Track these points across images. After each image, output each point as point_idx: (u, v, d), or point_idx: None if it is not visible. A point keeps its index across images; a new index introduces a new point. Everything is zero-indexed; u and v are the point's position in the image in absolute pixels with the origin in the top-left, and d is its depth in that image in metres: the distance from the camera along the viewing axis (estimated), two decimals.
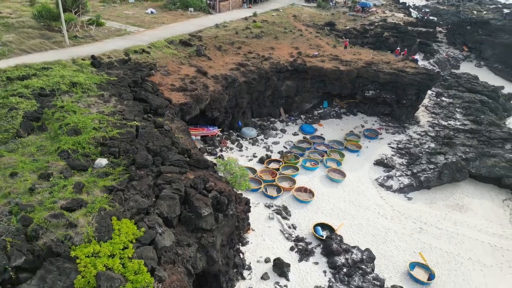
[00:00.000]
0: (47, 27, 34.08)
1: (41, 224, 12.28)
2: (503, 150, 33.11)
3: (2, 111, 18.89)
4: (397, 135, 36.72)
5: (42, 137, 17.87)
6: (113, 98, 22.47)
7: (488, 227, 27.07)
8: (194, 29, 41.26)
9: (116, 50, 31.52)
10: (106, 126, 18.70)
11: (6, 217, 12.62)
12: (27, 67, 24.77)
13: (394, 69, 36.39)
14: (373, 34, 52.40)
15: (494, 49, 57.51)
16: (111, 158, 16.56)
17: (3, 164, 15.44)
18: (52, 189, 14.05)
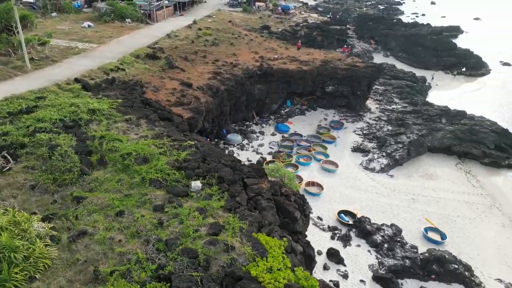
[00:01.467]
0: None
1: (207, 253, 12.02)
2: (443, 124, 39.93)
3: (42, 149, 16.79)
4: (356, 123, 41.22)
5: (109, 170, 16.49)
6: (141, 121, 21.35)
7: (456, 188, 32.82)
8: (148, 41, 39.70)
9: (88, 70, 29.10)
10: (168, 149, 18.04)
11: (158, 254, 11.96)
12: (20, 99, 21.81)
13: (348, 65, 40.71)
14: (304, 35, 56.81)
15: (397, 41, 67.30)
16: (199, 179, 16.29)
17: (97, 206, 14.15)
18: (179, 219, 13.54)
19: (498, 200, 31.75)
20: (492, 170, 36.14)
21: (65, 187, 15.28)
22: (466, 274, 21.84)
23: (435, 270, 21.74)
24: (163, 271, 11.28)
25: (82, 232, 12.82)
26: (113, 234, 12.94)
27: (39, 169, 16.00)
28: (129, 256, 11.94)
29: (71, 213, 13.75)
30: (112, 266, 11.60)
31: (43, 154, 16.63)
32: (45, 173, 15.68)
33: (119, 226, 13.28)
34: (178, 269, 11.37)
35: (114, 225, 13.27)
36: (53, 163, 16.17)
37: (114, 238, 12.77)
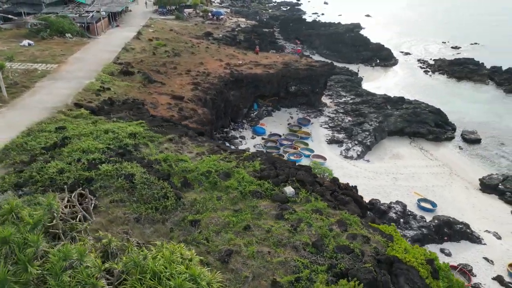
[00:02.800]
0: None
1: (357, 247, 13.25)
2: (390, 110, 45.68)
3: (119, 181, 15.85)
4: (319, 118, 44.69)
5: (199, 190, 16.32)
6: (183, 138, 20.96)
7: (419, 163, 38.24)
8: (108, 56, 37.35)
9: (73, 93, 26.81)
10: (237, 161, 18.38)
11: (316, 256, 12.78)
12: (41, 132, 19.64)
13: (306, 65, 43.84)
14: (243, 39, 58.67)
15: (320, 39, 73.31)
16: (287, 184, 17.14)
17: (218, 225, 14.23)
18: (306, 222, 14.39)
19: (452, 167, 37.96)
20: (436, 144, 42.77)
21: (169, 214, 14.89)
22: (468, 231, 26.37)
23: (447, 232, 25.79)
24: (336, 269, 12.27)
25: (228, 252, 12.97)
26: (257, 248, 13.33)
27: (129, 200, 15.21)
28: (292, 263, 12.60)
29: (201, 237, 13.63)
30: (283, 276, 12.18)
31: (122, 185, 15.76)
32: (141, 204, 15.01)
33: (256, 239, 13.68)
34: (348, 264, 12.46)
35: (251, 239, 13.63)
36: (143, 192, 15.52)
37: (262, 251, 13.21)
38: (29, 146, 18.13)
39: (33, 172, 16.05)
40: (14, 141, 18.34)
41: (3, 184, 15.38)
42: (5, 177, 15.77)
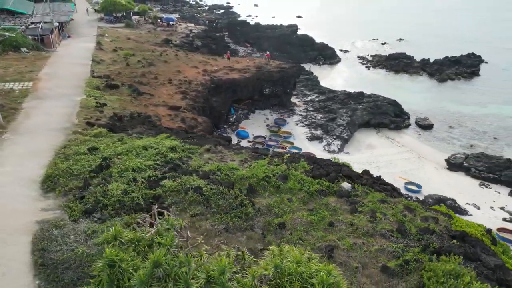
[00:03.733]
0: None
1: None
2: (354, 105, 49.25)
3: (189, 195, 15.86)
4: (292, 117, 46.67)
5: (266, 195, 16.88)
6: (218, 147, 21.17)
7: (391, 151, 41.94)
8: (80, 69, 35.38)
9: (72, 111, 25.34)
10: (284, 164, 19.22)
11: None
12: (77, 156, 18.54)
13: (277, 67, 45.48)
14: (201, 44, 58.63)
15: (269, 42, 75.55)
16: (343, 181, 18.46)
17: (304, 225, 15.08)
18: (391, 214, 15.84)
19: (418, 152, 42.35)
20: (398, 132, 47.18)
21: (252, 220, 15.35)
22: (456, 205, 30.06)
23: None
24: (430, 248, 13.83)
25: (330, 248, 13.93)
26: (359, 241, 14.41)
27: (208, 212, 15.36)
28: (389, 249, 13.91)
29: (295, 237, 14.39)
30: (386, 261, 13.48)
31: (195, 198, 15.82)
32: (222, 214, 15.26)
33: (345, 233, 14.78)
34: (437, 243, 14.11)
35: (341, 234, 14.72)
36: (218, 203, 15.75)
37: (356, 243, 14.38)
38: (75, 171, 17.15)
39: (98, 196, 15.38)
40: (57, 167, 17.17)
41: (72, 212, 14.59)
42: (71, 205, 14.93)
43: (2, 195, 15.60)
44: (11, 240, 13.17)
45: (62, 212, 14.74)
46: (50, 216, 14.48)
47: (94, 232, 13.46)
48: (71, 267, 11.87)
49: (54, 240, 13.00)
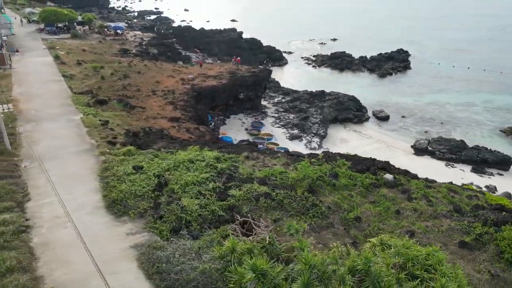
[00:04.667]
0: None
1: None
2: (320, 103, 52.10)
3: (264, 201, 16.50)
4: (267, 119, 48.03)
5: (328, 193, 17.98)
6: (255, 154, 21.69)
7: (363, 143, 45.42)
8: (56, 87, 32.98)
9: (81, 132, 23.95)
10: (323, 162, 20.51)
11: None
12: (127, 175, 17.83)
13: (249, 71, 46.47)
14: (157, 53, 57.33)
15: (219, 46, 75.91)
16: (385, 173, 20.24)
17: (380, 216, 16.55)
18: (440, 197, 17.87)
19: (385, 141, 46.38)
20: (361, 125, 51.06)
21: (327, 219, 16.42)
22: None
23: None
24: (489, 222, 16.04)
25: (411, 233, 15.57)
26: (429, 224, 16.17)
27: (286, 215, 16.10)
28: (456, 228, 15.98)
29: (375, 228, 15.78)
30: (459, 238, 15.46)
31: (268, 204, 16.53)
32: (301, 216, 16.13)
33: (413, 218, 16.53)
34: (492, 216, 16.40)
35: (410, 219, 16.42)
36: (293, 205, 16.57)
37: (427, 225, 16.18)
38: (137, 192, 16.62)
39: (177, 213, 15.29)
40: (120, 190, 16.47)
41: (161, 233, 14.39)
42: (156, 226, 14.67)
43: (75, 226, 14.72)
44: (118, 269, 12.72)
45: (150, 234, 14.46)
46: (141, 240, 14.16)
47: (200, 248, 13.54)
48: (200, 285, 11.93)
49: (166, 262, 12.85)
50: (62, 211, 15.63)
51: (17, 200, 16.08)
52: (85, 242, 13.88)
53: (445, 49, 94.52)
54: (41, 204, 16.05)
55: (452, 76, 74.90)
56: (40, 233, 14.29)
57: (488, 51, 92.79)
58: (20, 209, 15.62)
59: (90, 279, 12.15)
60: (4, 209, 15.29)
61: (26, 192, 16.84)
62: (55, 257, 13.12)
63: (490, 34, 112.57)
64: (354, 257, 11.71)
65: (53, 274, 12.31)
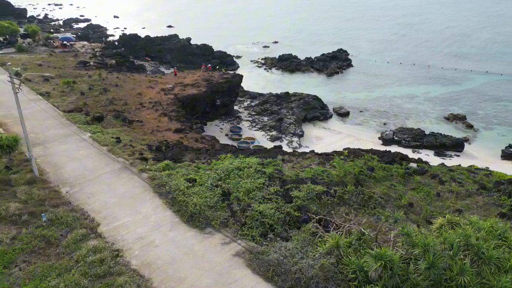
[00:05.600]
0: None
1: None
2: (287, 104, 54.36)
3: (327, 198, 17.84)
4: (242, 123, 49.00)
5: (372, 184, 19.78)
6: (286, 156, 22.80)
7: (335, 138, 48.53)
8: (39, 106, 30.82)
9: (99, 152, 23.09)
10: (353, 158, 22.39)
11: None
12: (189, 188, 17.93)
13: (223, 78, 47.04)
14: (116, 63, 55.31)
15: (172, 54, 74.69)
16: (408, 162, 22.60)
17: (425, 200, 18.77)
18: (464, 178, 20.57)
19: (353, 135, 50.05)
20: (327, 122, 54.36)
21: (384, 207, 18.24)
22: None
23: None
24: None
25: (460, 211, 18.02)
26: (467, 201, 18.70)
27: (351, 208, 17.63)
28: (490, 202, 18.72)
29: (428, 212, 17.93)
30: (496, 210, 18.25)
31: (332, 201, 17.90)
32: (363, 208, 17.75)
33: (454, 199, 18.99)
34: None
35: (452, 200, 18.87)
36: (353, 200, 18.14)
37: (473, 201, 18.72)
38: (208, 203, 16.93)
39: (259, 219, 16.04)
40: (193, 203, 16.62)
41: (253, 239, 15.07)
42: (248, 233, 15.29)
43: (165, 243, 14.76)
44: (235, 277, 13.24)
45: (244, 241, 15.04)
46: (238, 247, 14.74)
47: (303, 247, 14.49)
48: (320, 279, 12.96)
49: (277, 265, 13.62)
50: (142, 231, 15.48)
51: (88, 226, 15.52)
52: (188, 257, 14.06)
53: (375, 47, 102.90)
54: (115, 227, 15.70)
55: (390, 71, 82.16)
56: (135, 255, 14.15)
57: (407, 47, 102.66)
58: (97, 234, 15.15)
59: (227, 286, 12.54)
60: (83, 237, 14.77)
61: (90, 218, 16.25)
62: (166, 275, 13.22)
63: (404, 32, 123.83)
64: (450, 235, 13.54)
65: None
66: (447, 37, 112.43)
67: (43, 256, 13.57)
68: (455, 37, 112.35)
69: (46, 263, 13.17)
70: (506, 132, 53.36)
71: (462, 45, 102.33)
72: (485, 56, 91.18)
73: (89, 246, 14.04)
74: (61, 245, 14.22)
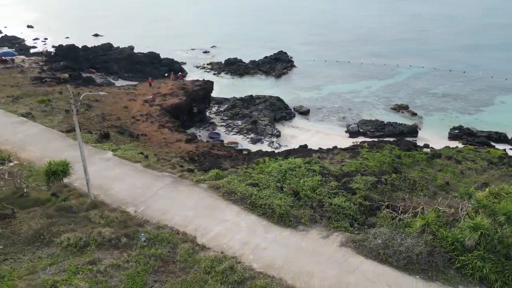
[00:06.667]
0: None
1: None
2: (253, 106, 55.95)
3: (383, 187, 19.94)
4: (217, 129, 49.43)
5: (406, 170, 22.34)
6: (318, 154, 24.45)
7: (307, 136, 51.38)
8: (34, 130, 28.40)
9: (133, 168, 22.55)
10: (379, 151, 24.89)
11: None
12: (260, 191, 18.69)
13: (198, 85, 47.02)
14: (69, 77, 52.02)
15: (119, 64, 71.38)
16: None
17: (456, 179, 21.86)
18: (477, 160, 24.08)
19: (321, 130, 53.43)
20: (292, 120, 57.18)
21: (427, 190, 20.92)
22: None
23: None
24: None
25: (485, 184, 21.38)
26: (486, 175, 22.13)
27: (404, 193, 20.01)
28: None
29: (462, 188, 20.98)
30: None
31: (387, 189, 20.06)
32: (413, 191, 20.23)
33: (477, 174, 22.34)
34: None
35: (476, 176, 22.22)
36: (404, 185, 20.54)
37: (492, 173, 22.19)
38: (287, 203, 17.92)
39: (340, 211, 17.57)
40: (279, 205, 17.50)
41: (346, 228, 16.60)
42: (340, 225, 16.72)
43: (271, 245, 15.61)
44: (354, 264, 14.65)
45: (339, 232, 16.52)
46: (338, 238, 16.23)
47: (393, 231, 16.37)
48: (424, 254, 14.96)
49: (387, 248, 15.23)
50: (241, 237, 16.06)
51: (188, 240, 15.64)
52: (300, 253, 15.07)
53: (307, 48, 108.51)
54: (213, 237, 16.04)
55: (330, 70, 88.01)
56: (252, 259, 14.77)
57: (336, 46, 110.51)
58: (201, 246, 15.39)
59: (347, 277, 13.83)
60: (192, 250, 14.93)
61: (181, 232, 16.32)
62: (294, 273, 14.18)
63: (321, 32, 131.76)
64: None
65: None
66: (369, 37, 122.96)
67: (169, 273, 13.56)
68: (376, 36, 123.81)
69: (178, 280, 13.23)
70: (444, 117, 61.18)
71: (379, 43, 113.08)
72: (403, 52, 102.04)
73: (208, 257, 14.30)
74: (177, 260, 14.27)
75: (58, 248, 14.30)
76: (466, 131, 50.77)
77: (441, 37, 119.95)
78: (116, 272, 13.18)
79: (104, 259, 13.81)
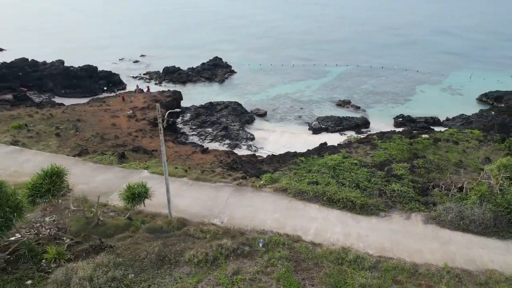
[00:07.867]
0: None
1: None
2: (217, 113, 56.42)
3: (418, 171, 22.93)
4: (192, 138, 48.96)
5: (422, 155, 25.65)
6: (346, 149, 26.62)
7: (276, 136, 53.57)
8: (38, 158, 25.73)
9: (188, 181, 22.33)
10: (394, 141, 28.00)
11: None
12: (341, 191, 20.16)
13: (168, 96, 46.04)
14: (13, 98, 47.00)
15: (54, 80, 65.24)
16: None
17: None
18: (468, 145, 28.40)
19: (286, 130, 56.13)
20: (255, 123, 58.99)
21: (447, 170, 24.44)
22: None
23: None
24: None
25: (488, 159, 25.70)
26: (484, 150, 26.41)
27: (431, 175, 23.27)
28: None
29: (471, 164, 24.95)
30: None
31: (423, 173, 23.12)
32: (446, 171, 23.58)
33: (475, 149, 26.56)
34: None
35: (477, 152, 26.45)
36: (431, 168, 23.71)
37: (490, 148, 26.54)
38: (357, 195, 19.74)
39: (405, 195, 20.03)
40: (355, 196, 19.15)
41: (419, 208, 19.09)
42: (411, 207, 19.07)
43: (373, 233, 17.33)
44: (445, 236, 17.17)
45: (414, 212, 18.91)
46: (417, 218, 18.63)
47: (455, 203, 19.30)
48: (487, 220, 18.18)
49: (463, 219, 18.03)
50: (339, 230, 17.60)
51: (296, 240, 16.56)
52: (402, 236, 17.09)
53: (237, 53, 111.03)
54: (316, 234, 17.24)
55: (268, 73, 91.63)
56: (364, 246, 16.32)
57: (265, 49, 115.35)
58: (317, 244, 16.46)
59: (448, 247, 16.21)
60: (314, 247, 15.94)
61: (283, 234, 17.13)
62: (409, 252, 16.03)
63: (234, 37, 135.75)
64: None
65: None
66: (292, 42, 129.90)
67: (308, 270, 14.44)
68: (294, 40, 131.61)
69: (320, 274, 14.22)
70: (382, 108, 68.54)
71: (299, 46, 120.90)
72: (326, 53, 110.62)
73: (333, 250, 15.48)
74: (305, 258, 15.18)
75: (190, 266, 14.19)
76: (407, 119, 57.95)
77: (349, 37, 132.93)
78: (263, 277, 13.70)
79: (243, 267, 14.16)
